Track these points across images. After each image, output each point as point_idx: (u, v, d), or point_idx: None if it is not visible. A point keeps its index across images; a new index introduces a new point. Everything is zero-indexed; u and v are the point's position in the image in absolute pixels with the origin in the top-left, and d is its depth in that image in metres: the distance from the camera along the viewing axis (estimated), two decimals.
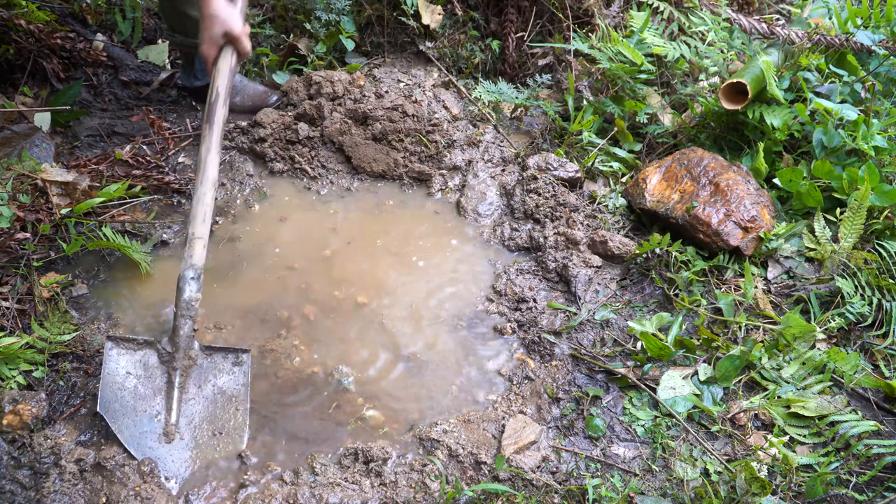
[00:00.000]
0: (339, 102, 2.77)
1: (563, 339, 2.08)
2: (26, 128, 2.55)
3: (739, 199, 2.26)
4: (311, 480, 1.72)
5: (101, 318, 2.06)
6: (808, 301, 2.12)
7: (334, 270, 2.29)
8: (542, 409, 1.91)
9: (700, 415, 1.86)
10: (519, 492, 1.68)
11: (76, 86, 2.79)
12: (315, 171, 2.65)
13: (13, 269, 2.09)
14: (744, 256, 2.23)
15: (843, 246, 2.21)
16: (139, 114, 2.82)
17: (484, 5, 3.21)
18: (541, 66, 3.14)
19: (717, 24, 2.87)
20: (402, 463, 1.76)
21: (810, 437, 1.79)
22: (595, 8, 3.03)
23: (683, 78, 2.87)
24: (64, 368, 1.90)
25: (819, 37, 2.65)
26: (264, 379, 1.96)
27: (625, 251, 2.30)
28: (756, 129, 2.55)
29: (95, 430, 1.77)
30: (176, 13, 2.63)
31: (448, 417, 1.89)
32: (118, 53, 3.04)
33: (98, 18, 3.15)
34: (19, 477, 1.63)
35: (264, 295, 2.19)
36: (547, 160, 2.59)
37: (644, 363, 1.98)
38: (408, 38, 3.21)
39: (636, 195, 2.45)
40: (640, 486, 1.70)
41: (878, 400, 1.88)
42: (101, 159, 2.50)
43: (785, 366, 1.95)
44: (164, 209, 2.45)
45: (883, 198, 2.24)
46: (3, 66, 2.79)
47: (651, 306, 2.18)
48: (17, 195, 2.21)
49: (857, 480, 1.67)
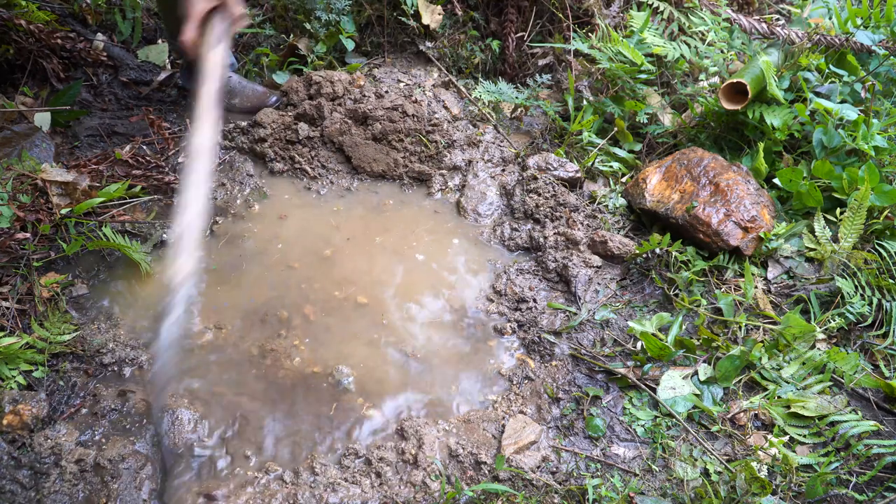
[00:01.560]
0: (339, 102, 2.77)
1: (563, 339, 2.08)
2: (26, 128, 2.55)
3: (739, 199, 2.26)
4: (311, 480, 1.72)
5: (101, 319, 2.06)
6: (808, 301, 2.12)
7: (334, 270, 2.29)
8: (542, 409, 1.91)
9: (700, 415, 1.86)
10: (519, 492, 1.68)
11: (76, 86, 2.79)
12: (315, 171, 2.65)
13: (13, 269, 2.09)
14: (744, 256, 2.23)
15: (843, 246, 2.21)
16: (139, 114, 2.81)
17: (484, 5, 3.21)
18: (541, 66, 3.14)
19: (717, 24, 2.87)
20: (403, 463, 1.76)
21: (810, 437, 1.79)
22: (595, 8, 3.03)
23: (683, 78, 2.87)
24: (64, 368, 1.91)
25: (819, 37, 2.65)
26: (264, 379, 1.96)
27: (625, 251, 2.30)
28: (756, 129, 2.55)
29: (96, 430, 1.77)
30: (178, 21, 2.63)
31: (448, 417, 1.89)
32: (118, 53, 3.03)
33: (98, 18, 3.15)
34: (19, 477, 1.63)
35: (264, 295, 2.19)
36: (547, 160, 2.59)
37: (644, 363, 1.98)
38: (408, 38, 3.21)
39: (636, 195, 2.45)
40: (640, 486, 1.70)
41: (878, 400, 1.88)
42: (101, 159, 2.50)
43: (785, 366, 1.95)
44: (164, 209, 2.45)
45: (883, 198, 2.24)
46: (4, 66, 2.79)
47: (651, 306, 2.18)
48: (17, 195, 2.21)
49: (857, 480, 1.67)
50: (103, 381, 1.91)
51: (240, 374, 1.97)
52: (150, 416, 1.81)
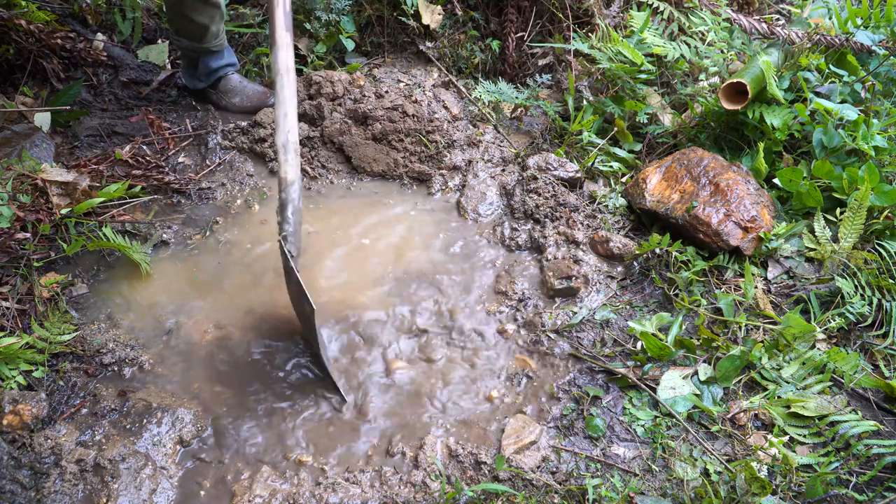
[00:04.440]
0: (339, 102, 2.77)
1: (563, 339, 2.08)
2: (26, 128, 2.56)
3: (739, 199, 2.26)
4: (311, 480, 1.72)
5: (101, 319, 2.06)
6: (808, 301, 2.12)
7: (335, 269, 2.29)
8: (543, 409, 1.91)
9: (700, 415, 1.86)
10: (519, 492, 1.68)
11: (76, 86, 2.79)
12: (315, 170, 2.65)
13: (13, 269, 2.09)
14: (744, 256, 2.23)
15: (843, 246, 2.21)
16: (139, 114, 2.82)
17: (484, 5, 3.21)
18: (541, 66, 3.14)
19: (717, 24, 2.87)
20: (403, 463, 1.76)
21: (810, 437, 1.79)
22: (595, 8, 3.03)
23: (683, 78, 2.87)
24: (64, 368, 1.91)
25: (819, 37, 2.65)
26: (264, 379, 1.96)
27: (625, 251, 2.30)
28: (756, 129, 2.55)
29: (96, 430, 1.77)
30: (182, 18, 2.64)
31: (448, 417, 1.89)
32: (118, 53, 3.04)
33: (98, 18, 3.15)
34: (20, 477, 1.63)
35: (265, 294, 2.19)
36: (547, 160, 2.59)
37: (644, 363, 1.98)
38: (408, 38, 3.21)
39: (636, 195, 2.45)
40: (640, 486, 1.70)
41: (878, 400, 1.88)
42: (101, 159, 2.50)
43: (785, 366, 1.95)
44: (164, 209, 2.45)
45: (883, 198, 2.24)
46: (4, 66, 2.79)
47: (651, 306, 2.18)
48: (17, 195, 2.21)
49: (857, 480, 1.67)
50: (103, 381, 1.91)
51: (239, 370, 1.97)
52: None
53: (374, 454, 1.80)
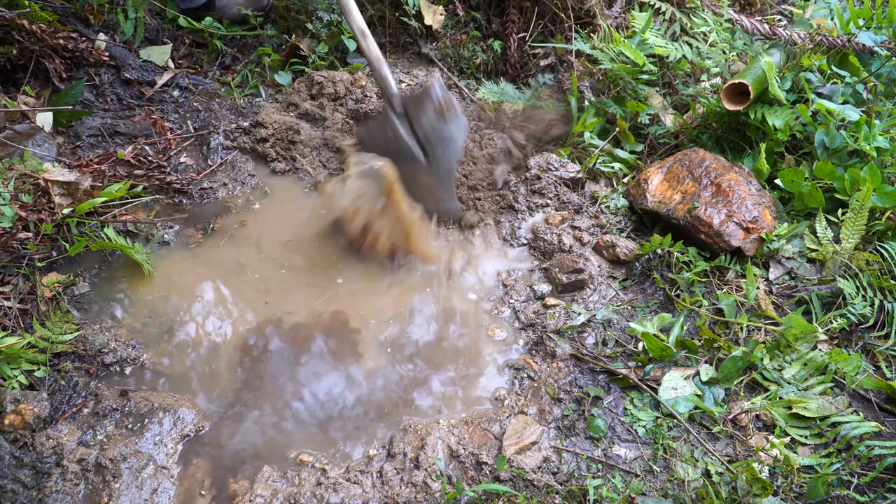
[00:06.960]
0: (341, 103, 2.77)
1: (564, 340, 2.08)
2: (28, 127, 2.56)
3: (741, 200, 2.26)
4: (311, 480, 1.72)
5: (103, 318, 2.07)
6: (809, 302, 2.11)
7: (335, 268, 2.29)
8: (544, 410, 1.91)
9: (701, 415, 1.86)
10: (520, 492, 1.68)
11: (78, 85, 2.80)
12: (315, 171, 2.65)
13: (15, 268, 2.09)
14: (745, 257, 2.23)
15: (844, 247, 2.20)
16: (141, 114, 2.82)
17: (486, 6, 3.21)
18: (543, 66, 3.14)
19: (719, 24, 2.87)
20: (404, 463, 1.76)
21: (812, 438, 1.79)
22: (597, 8, 3.03)
23: (685, 78, 2.87)
24: (66, 368, 1.91)
25: (821, 38, 2.65)
26: (266, 378, 1.96)
27: (631, 256, 2.30)
28: (758, 130, 2.55)
29: (97, 430, 1.77)
30: None
31: (450, 417, 1.89)
32: (120, 53, 3.04)
33: (100, 18, 3.15)
34: (21, 476, 1.64)
35: (266, 294, 2.19)
36: (548, 160, 2.59)
37: (645, 364, 1.98)
38: (410, 39, 3.21)
39: (638, 196, 2.44)
40: (641, 487, 1.70)
41: (880, 401, 1.88)
42: (103, 159, 2.51)
43: (786, 367, 1.95)
44: (166, 209, 2.45)
45: (885, 199, 2.23)
46: (6, 65, 2.80)
47: (653, 307, 2.18)
48: (19, 195, 2.21)
49: (859, 482, 1.67)
50: (105, 380, 1.91)
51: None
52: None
53: (375, 455, 1.80)
